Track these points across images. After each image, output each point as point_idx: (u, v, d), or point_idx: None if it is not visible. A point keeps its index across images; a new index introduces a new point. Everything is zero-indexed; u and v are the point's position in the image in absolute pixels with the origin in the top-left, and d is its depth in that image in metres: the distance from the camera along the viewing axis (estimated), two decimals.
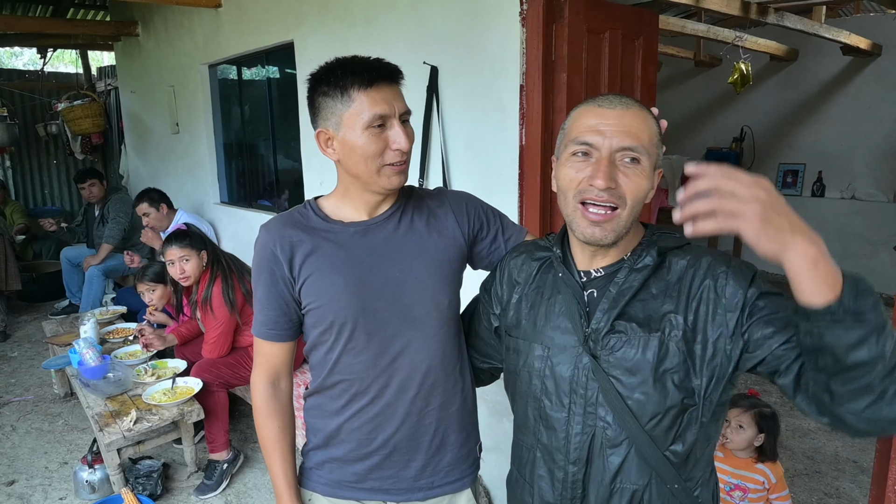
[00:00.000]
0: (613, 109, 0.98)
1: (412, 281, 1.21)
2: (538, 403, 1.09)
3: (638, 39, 2.21)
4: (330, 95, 1.12)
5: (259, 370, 1.29)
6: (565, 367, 1.04)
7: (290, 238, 1.20)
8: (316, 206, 1.26)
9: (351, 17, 2.86)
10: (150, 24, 5.22)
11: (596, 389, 1.01)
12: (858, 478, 3.02)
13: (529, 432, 1.13)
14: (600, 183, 0.95)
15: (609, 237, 0.98)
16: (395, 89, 1.14)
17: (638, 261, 1.03)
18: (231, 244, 4.51)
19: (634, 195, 0.97)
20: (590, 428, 1.03)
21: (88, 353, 2.99)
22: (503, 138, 2.21)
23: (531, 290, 1.14)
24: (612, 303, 1.02)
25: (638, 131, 0.96)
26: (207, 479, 2.92)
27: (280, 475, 1.30)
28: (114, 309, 4.24)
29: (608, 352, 1.01)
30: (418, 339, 1.22)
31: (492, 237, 1.32)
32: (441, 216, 1.27)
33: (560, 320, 1.07)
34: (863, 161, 6.18)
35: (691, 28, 4.81)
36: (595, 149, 0.97)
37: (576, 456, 1.05)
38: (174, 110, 5.06)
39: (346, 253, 1.20)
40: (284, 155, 4.08)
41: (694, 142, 7.32)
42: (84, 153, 7.22)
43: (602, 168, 0.95)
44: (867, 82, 6.03)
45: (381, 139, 1.11)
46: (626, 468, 1.02)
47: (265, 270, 1.21)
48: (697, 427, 1.00)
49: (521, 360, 1.12)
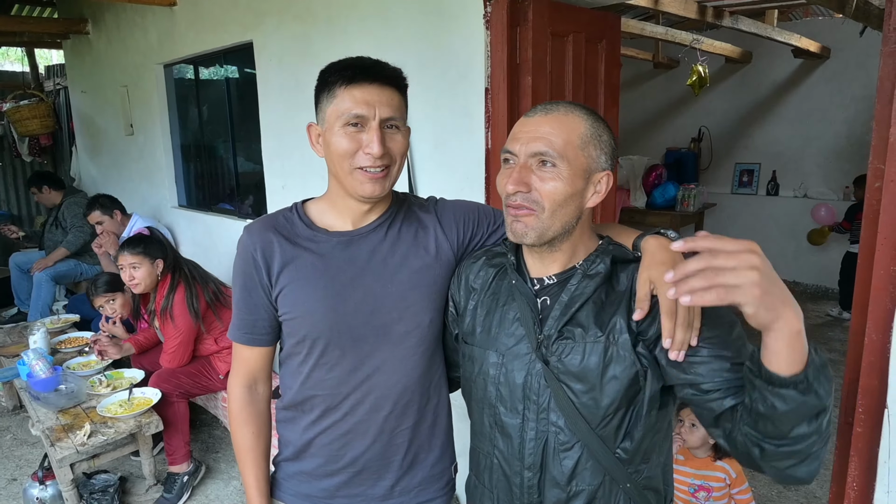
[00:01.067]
0: (533, 117, 1.02)
1: (393, 297, 1.17)
2: (493, 410, 1.10)
3: (601, 42, 2.22)
4: (321, 91, 1.12)
5: (236, 374, 1.27)
6: (519, 374, 1.06)
7: (271, 243, 1.16)
8: (302, 211, 1.22)
9: (312, 17, 2.80)
10: (100, 21, 5.04)
11: (548, 395, 1.03)
12: (822, 473, 3.09)
13: (486, 439, 1.14)
14: (509, 187, 1.00)
15: (530, 234, 1.00)
16: (383, 92, 1.08)
17: (591, 267, 1.05)
18: (190, 249, 4.38)
19: (551, 197, 0.98)
20: (542, 433, 1.05)
21: (38, 364, 2.86)
22: (469, 141, 2.19)
23: (487, 296, 1.14)
24: (563, 309, 1.03)
25: (551, 136, 0.98)
26: (167, 492, 2.84)
27: (252, 482, 1.28)
28: (66, 317, 4.07)
29: (557, 357, 1.02)
30: (395, 358, 1.19)
31: (485, 238, 1.28)
32: (429, 230, 1.23)
33: (514, 327, 1.08)
34: (814, 161, 6.39)
35: (650, 30, 4.88)
36: (514, 156, 1.02)
37: (530, 461, 1.06)
38: (128, 111, 4.89)
39: (325, 264, 1.16)
40: (245, 157, 3.98)
41: (653, 142, 7.46)
42: (32, 155, 6.94)
43: (514, 174, 1.00)
44: (817, 84, 6.24)
45: (354, 140, 1.07)
46: (580, 471, 1.04)
47: (244, 274, 1.18)
48: (644, 422, 1.02)
49: (477, 367, 1.13)
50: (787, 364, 0.78)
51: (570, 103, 1.05)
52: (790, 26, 6.00)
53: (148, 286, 2.91)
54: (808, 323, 4.49)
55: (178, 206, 4.63)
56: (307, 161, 3.03)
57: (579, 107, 1.04)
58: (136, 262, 2.86)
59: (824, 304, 5.92)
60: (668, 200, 6.18)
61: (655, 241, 1.03)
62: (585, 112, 1.03)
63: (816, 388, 0.78)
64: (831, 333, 5.11)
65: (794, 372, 0.78)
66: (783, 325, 0.75)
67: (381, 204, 1.20)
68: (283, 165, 3.24)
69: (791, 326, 0.76)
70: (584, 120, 1.01)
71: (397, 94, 1.11)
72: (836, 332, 5.12)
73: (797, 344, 0.77)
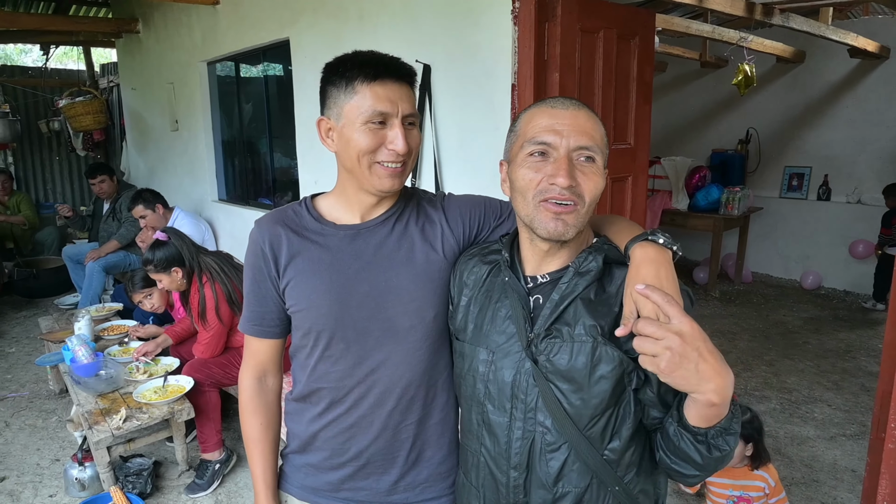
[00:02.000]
0: (567, 110, 1.00)
1: (398, 291, 1.16)
2: (482, 408, 1.09)
3: (634, 39, 2.17)
4: (336, 85, 1.10)
5: (246, 366, 1.29)
6: (508, 372, 1.04)
7: (279, 236, 1.18)
8: (311, 205, 1.23)
9: (345, 14, 2.83)
10: (150, 21, 5.21)
11: (536, 394, 1.02)
12: (857, 487, 2.97)
13: (474, 437, 1.13)
14: (562, 181, 0.96)
15: (570, 231, 0.99)
16: (403, 89, 1.09)
17: (583, 264, 1.03)
18: (228, 242, 4.49)
19: (592, 193, 0.98)
20: (529, 433, 1.03)
21: (81, 350, 2.98)
22: (496, 137, 2.17)
23: (480, 293, 1.13)
24: (554, 307, 1.02)
25: (591, 131, 0.99)
26: (199, 478, 2.90)
27: (259, 474, 1.29)
28: (110, 305, 4.23)
29: (546, 357, 1.01)
30: (399, 352, 1.18)
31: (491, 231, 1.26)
32: (436, 224, 1.23)
33: (505, 325, 1.06)
34: (869, 165, 6.11)
35: (696, 28, 4.76)
36: (553, 148, 0.98)
37: (517, 461, 1.05)
38: (173, 107, 5.05)
39: (332, 257, 1.16)
40: (282, 153, 4.06)
41: (699, 144, 7.27)
42: (86, 150, 7.23)
43: (563, 166, 0.97)
44: (875, 85, 5.96)
45: (377, 136, 1.07)
46: (567, 472, 1.02)
47: (254, 266, 1.20)
48: (632, 421, 1.01)
49: (467, 363, 1.12)
50: (695, 419, 0.90)
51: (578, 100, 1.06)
52: (847, 25, 5.75)
53: (178, 289, 3.06)
54: (862, 341, 4.28)
55: (219, 199, 4.75)
56: None
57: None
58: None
59: (875, 314, 5.65)
60: (711, 203, 6.01)
61: (642, 251, 0.98)
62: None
63: (716, 444, 0.90)
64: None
65: (698, 426, 0.90)
66: (699, 397, 0.85)
67: (390, 198, 1.20)
68: (316, 160, 3.28)
69: (706, 400, 0.85)
70: (598, 118, 1.04)
71: (412, 90, 1.12)
72: None
73: (708, 413, 0.88)
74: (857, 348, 4.79)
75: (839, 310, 5.81)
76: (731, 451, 0.92)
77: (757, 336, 5.06)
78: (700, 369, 0.82)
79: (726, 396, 0.85)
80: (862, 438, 3.42)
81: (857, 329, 5.24)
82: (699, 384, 0.83)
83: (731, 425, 0.90)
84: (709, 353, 0.83)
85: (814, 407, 3.80)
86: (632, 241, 1.02)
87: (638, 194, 2.27)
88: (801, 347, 4.82)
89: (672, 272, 0.96)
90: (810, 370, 4.37)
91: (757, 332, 5.14)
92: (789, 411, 3.75)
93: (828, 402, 3.86)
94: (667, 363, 0.83)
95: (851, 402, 3.87)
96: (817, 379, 4.21)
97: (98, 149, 7.52)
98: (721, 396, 0.84)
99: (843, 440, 3.41)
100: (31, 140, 7.70)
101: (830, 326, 5.32)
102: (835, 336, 5.07)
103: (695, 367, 0.82)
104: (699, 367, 0.82)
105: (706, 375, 0.83)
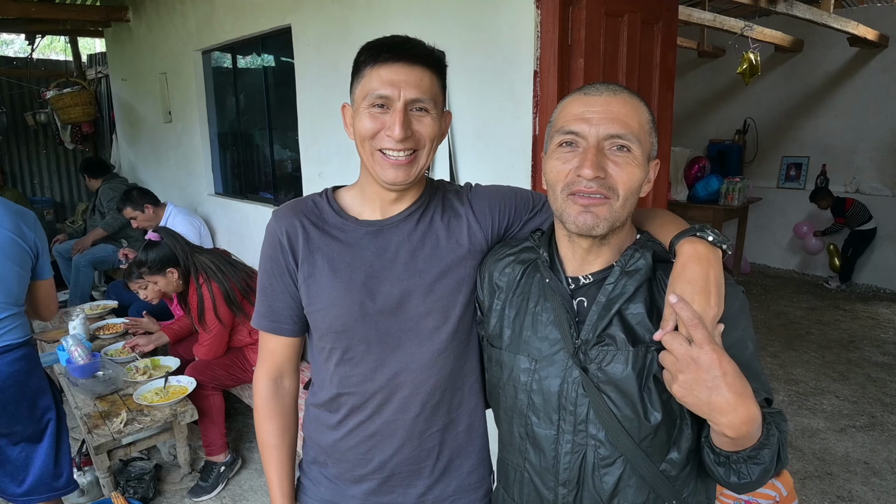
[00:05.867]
0: (600, 96, 0.93)
1: (422, 290, 1.10)
2: (524, 420, 1.02)
3: (657, 24, 2.10)
4: (353, 71, 1.07)
5: (262, 367, 1.21)
6: (554, 382, 0.98)
7: (298, 228, 1.11)
8: (332, 198, 1.16)
9: (352, 0, 2.73)
10: (141, 8, 5.06)
11: (587, 405, 0.95)
12: (871, 480, 2.95)
13: (516, 451, 1.05)
14: (588, 172, 0.89)
15: (602, 225, 0.92)
16: (413, 71, 1.01)
17: (630, 262, 0.96)
18: (225, 237, 4.38)
19: (627, 185, 0.91)
20: (580, 447, 0.97)
21: (77, 350, 2.87)
22: (515, 127, 2.09)
23: (516, 296, 1.06)
24: (602, 311, 0.95)
25: (626, 118, 0.91)
26: (203, 480, 2.83)
27: (276, 482, 1.22)
28: (105, 303, 4.11)
29: (597, 365, 0.94)
30: (424, 355, 1.11)
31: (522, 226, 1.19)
32: (462, 219, 1.15)
33: (548, 330, 0.99)
34: (868, 155, 6.11)
35: (697, 17, 4.70)
36: (582, 138, 0.92)
37: (566, 477, 0.98)
38: (166, 98, 4.91)
39: (353, 255, 1.09)
40: (281, 145, 3.95)
41: (696, 134, 7.23)
42: (74, 143, 7.06)
43: (589, 157, 0.90)
44: (874, 74, 5.95)
45: (377, 121, 1.01)
46: (623, 488, 0.96)
47: (271, 259, 1.13)
48: (691, 432, 0.96)
49: (506, 373, 1.04)
50: (717, 442, 0.86)
51: (625, 87, 0.99)
52: (846, 13, 5.72)
53: (176, 290, 2.97)
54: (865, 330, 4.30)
55: (215, 193, 4.63)
56: (344, 148, 2.97)
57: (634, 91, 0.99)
58: (151, 281, 2.92)
59: (876, 304, 5.66)
60: (711, 194, 5.98)
61: (691, 247, 0.92)
62: (640, 97, 0.98)
63: (737, 469, 0.87)
64: (885, 336, 4.87)
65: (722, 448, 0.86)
66: (714, 425, 0.82)
67: (413, 192, 1.13)
68: (320, 153, 3.18)
69: (721, 429, 0.81)
70: (644, 104, 0.97)
71: (429, 73, 1.03)
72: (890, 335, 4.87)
73: (722, 440, 0.84)
74: (861, 338, 4.79)
75: (839, 299, 5.81)
76: (754, 480, 0.86)
77: (759, 327, 5.04)
78: (713, 401, 0.79)
79: (742, 433, 0.80)
80: (872, 430, 3.40)
81: (859, 319, 5.24)
82: (710, 414, 0.80)
83: (760, 455, 0.84)
84: (727, 386, 0.78)
85: (822, 398, 3.78)
86: (678, 235, 0.96)
87: (660, 184, 2.20)
88: (805, 338, 4.81)
89: (721, 274, 0.90)
90: (816, 361, 4.35)
91: (759, 324, 5.12)
92: (798, 403, 3.72)
93: (835, 394, 3.84)
94: (678, 386, 0.81)
95: (859, 392, 3.85)
96: (823, 370, 4.20)
97: (87, 141, 7.34)
98: (735, 432, 0.80)
99: (854, 432, 3.39)
100: (16, 133, 7.50)
101: (832, 316, 5.33)
102: (837, 326, 5.07)
103: (707, 398, 0.79)
104: (712, 399, 0.79)
105: (719, 408, 0.79)
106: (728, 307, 0.89)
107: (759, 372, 0.94)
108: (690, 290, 0.87)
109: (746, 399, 0.79)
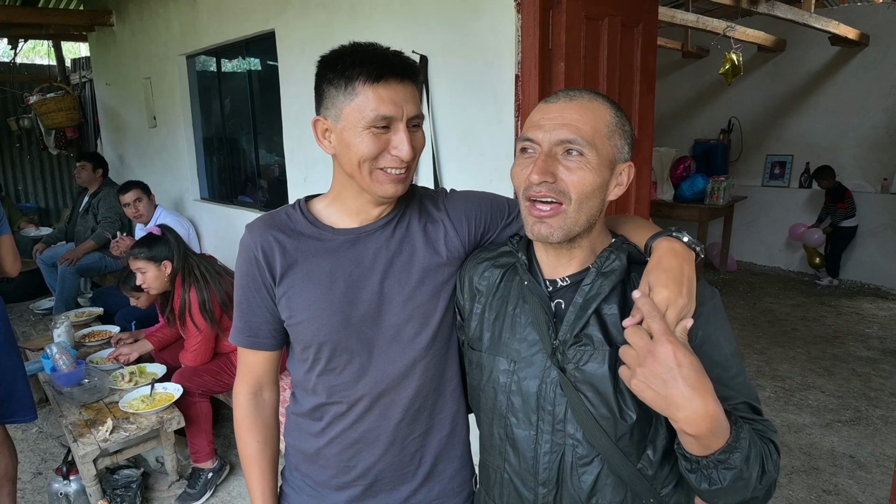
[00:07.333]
0: (556, 103, 0.96)
1: (402, 298, 1.09)
2: (504, 421, 1.03)
3: (637, 27, 2.11)
4: (334, 84, 1.00)
5: (241, 380, 1.20)
6: (532, 382, 0.99)
7: (273, 242, 1.09)
8: (305, 208, 1.14)
9: (335, 4, 2.73)
10: (124, 13, 5.03)
11: (564, 405, 0.96)
12: (856, 473, 2.98)
13: (496, 452, 1.06)
14: (534, 177, 0.92)
15: (556, 234, 0.94)
16: (407, 88, 1.00)
17: (606, 264, 0.97)
18: (212, 242, 4.37)
19: (579, 189, 0.92)
20: (559, 446, 0.98)
21: (62, 358, 2.85)
22: (498, 131, 2.10)
23: (495, 299, 1.07)
24: (578, 311, 0.96)
25: (578, 123, 0.92)
26: (191, 487, 2.81)
27: (258, 494, 1.22)
28: (90, 310, 4.08)
29: (574, 365, 0.95)
30: (405, 361, 1.12)
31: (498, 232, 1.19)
32: (439, 225, 1.15)
33: (526, 332, 1.00)
34: (850, 152, 6.18)
35: (681, 18, 4.74)
36: (536, 144, 0.94)
37: (545, 477, 0.99)
38: (151, 103, 4.88)
39: (331, 265, 1.08)
40: (267, 150, 3.94)
41: (681, 134, 7.29)
42: (58, 148, 7.00)
43: (538, 162, 0.92)
44: (855, 73, 6.02)
45: (380, 141, 0.99)
46: (601, 487, 0.97)
47: (247, 274, 1.11)
48: (666, 430, 0.96)
49: (486, 375, 1.05)
50: (684, 443, 0.85)
51: (592, 91, 1.00)
52: (827, 12, 5.79)
53: (160, 287, 2.90)
54: (850, 326, 4.36)
55: (200, 198, 4.61)
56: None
57: (602, 95, 1.00)
58: (142, 267, 2.86)
59: (860, 300, 5.73)
60: (696, 193, 6.02)
61: (668, 243, 0.95)
62: (609, 100, 0.99)
63: (707, 475, 0.84)
64: (868, 330, 4.93)
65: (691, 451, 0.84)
66: (673, 421, 0.81)
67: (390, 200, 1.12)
68: (305, 157, 3.18)
69: (680, 426, 0.80)
70: (608, 108, 0.97)
71: (415, 87, 1.03)
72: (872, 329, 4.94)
73: (687, 440, 0.83)
74: (845, 333, 4.84)
75: (824, 295, 5.87)
76: (725, 487, 0.84)
77: (746, 325, 5.08)
78: (669, 395, 0.78)
79: (701, 430, 0.79)
80: (857, 424, 3.44)
81: (844, 314, 5.30)
82: (668, 409, 0.80)
83: (731, 458, 0.82)
84: (683, 379, 0.78)
85: (808, 394, 3.82)
86: (654, 235, 0.98)
87: (642, 185, 2.22)
88: (791, 335, 4.86)
89: (694, 273, 0.92)
90: (801, 357, 4.40)
91: (746, 321, 5.17)
92: (784, 399, 3.76)
93: (821, 389, 3.89)
94: (636, 380, 0.81)
95: (844, 387, 3.90)
96: (809, 366, 4.24)
97: (71, 147, 7.28)
98: (695, 429, 0.79)
99: (839, 426, 3.43)
100: (0, 139, 7.44)
101: (817, 312, 5.38)
102: (822, 322, 5.12)
103: (664, 392, 0.79)
104: (668, 393, 0.78)
105: (675, 403, 0.78)
106: (700, 304, 0.91)
107: (737, 374, 0.95)
108: (665, 277, 0.88)
109: (704, 394, 0.78)
